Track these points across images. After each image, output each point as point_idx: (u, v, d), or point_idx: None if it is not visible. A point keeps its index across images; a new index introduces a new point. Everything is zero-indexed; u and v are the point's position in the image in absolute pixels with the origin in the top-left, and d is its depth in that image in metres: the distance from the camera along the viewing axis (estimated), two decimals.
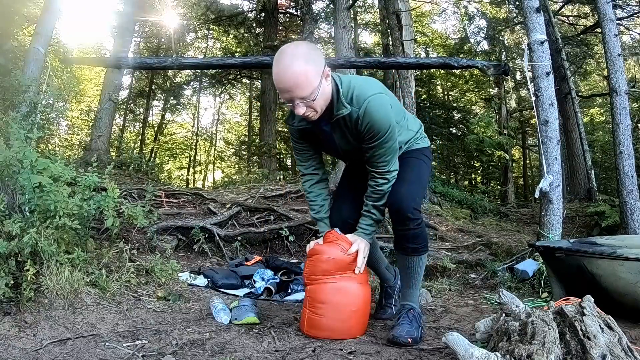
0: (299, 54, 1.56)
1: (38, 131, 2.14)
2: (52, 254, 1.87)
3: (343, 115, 1.68)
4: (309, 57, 1.56)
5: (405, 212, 1.74)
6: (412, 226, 1.76)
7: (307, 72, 1.54)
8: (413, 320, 1.78)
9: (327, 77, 1.63)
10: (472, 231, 5.07)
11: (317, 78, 1.57)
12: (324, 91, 1.63)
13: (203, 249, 3.61)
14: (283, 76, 1.55)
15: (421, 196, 1.89)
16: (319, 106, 1.63)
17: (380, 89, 1.72)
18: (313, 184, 2.00)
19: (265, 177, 7.56)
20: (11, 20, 4.93)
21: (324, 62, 1.62)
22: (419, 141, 1.98)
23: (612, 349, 1.17)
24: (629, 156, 3.87)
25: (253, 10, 12.08)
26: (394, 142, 1.75)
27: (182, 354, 1.55)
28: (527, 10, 3.37)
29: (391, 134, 1.71)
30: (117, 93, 8.69)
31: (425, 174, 1.93)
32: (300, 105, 1.59)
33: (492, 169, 13.51)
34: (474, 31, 12.16)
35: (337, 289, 1.79)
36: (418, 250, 1.82)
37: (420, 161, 1.93)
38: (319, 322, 1.78)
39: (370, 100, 1.65)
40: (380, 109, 1.66)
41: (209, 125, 18.39)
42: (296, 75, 1.53)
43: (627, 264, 1.91)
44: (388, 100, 1.71)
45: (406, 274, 1.88)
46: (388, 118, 1.69)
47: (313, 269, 1.84)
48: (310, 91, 1.56)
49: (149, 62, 5.29)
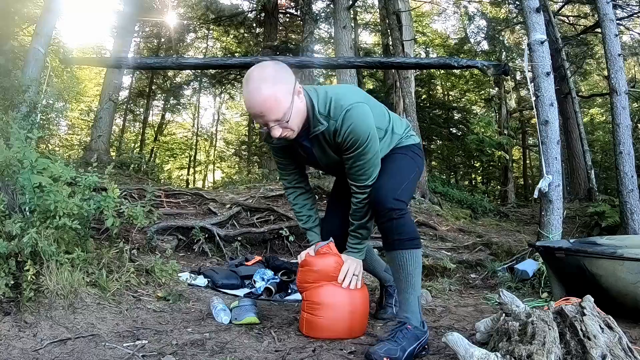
0: (265, 76, 1.51)
1: (38, 131, 2.14)
2: (52, 254, 1.87)
3: (321, 130, 1.64)
4: (277, 78, 1.52)
5: (384, 203, 1.65)
6: (394, 215, 1.64)
7: (276, 94, 1.49)
8: (403, 338, 1.56)
9: (299, 94, 1.58)
10: (472, 231, 5.07)
11: (287, 97, 1.52)
12: (298, 109, 1.58)
13: (203, 249, 3.61)
14: (253, 102, 1.50)
15: (405, 189, 1.73)
16: (295, 125, 1.59)
17: (360, 97, 1.67)
18: (297, 196, 1.98)
19: (265, 177, 7.56)
20: (11, 20, 4.93)
21: (294, 80, 1.58)
22: (404, 140, 1.89)
23: (612, 349, 1.17)
24: (629, 156, 3.87)
25: (253, 10, 12.09)
26: (375, 154, 1.68)
27: (182, 354, 1.55)
28: (527, 10, 3.37)
29: (370, 144, 1.64)
30: (117, 93, 8.71)
31: (408, 167, 1.82)
32: (275, 128, 1.55)
33: (492, 169, 13.53)
34: (474, 31, 12.16)
35: (334, 290, 1.80)
36: (403, 243, 1.66)
37: (403, 155, 1.85)
38: (318, 324, 1.78)
39: (348, 109, 1.59)
40: (359, 118, 1.60)
41: (209, 125, 18.43)
42: (264, 98, 1.49)
43: (627, 264, 1.91)
44: (367, 110, 1.65)
45: (398, 276, 1.70)
46: (367, 127, 1.62)
47: (305, 277, 1.84)
48: (282, 113, 1.52)
49: (149, 62, 5.29)
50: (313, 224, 1.99)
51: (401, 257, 1.67)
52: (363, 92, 1.77)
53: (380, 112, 1.84)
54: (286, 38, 12.13)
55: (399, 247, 1.67)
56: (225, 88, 14.67)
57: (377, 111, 1.78)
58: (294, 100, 1.55)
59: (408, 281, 1.68)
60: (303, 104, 1.61)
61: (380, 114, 1.83)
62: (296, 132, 1.62)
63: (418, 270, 1.69)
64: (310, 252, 1.89)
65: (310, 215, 1.99)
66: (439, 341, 1.68)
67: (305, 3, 7.83)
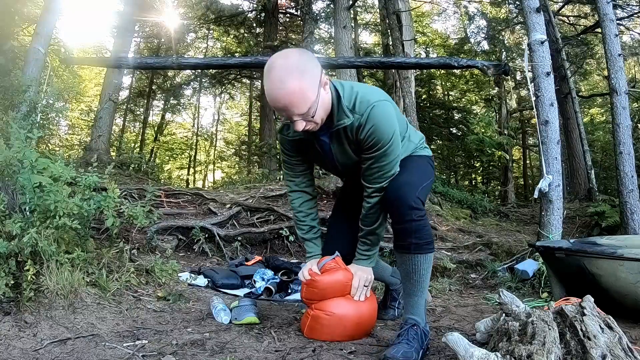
0: (290, 67, 1.38)
1: (38, 131, 2.14)
2: (52, 254, 1.87)
3: (345, 125, 1.55)
4: (303, 69, 1.40)
5: (406, 200, 1.55)
6: (415, 217, 1.56)
7: (302, 88, 1.38)
8: (414, 340, 1.55)
9: (325, 86, 1.49)
10: (472, 231, 5.07)
11: (314, 91, 1.42)
12: (324, 102, 1.49)
13: (203, 249, 3.61)
14: (276, 95, 1.38)
15: (424, 189, 1.67)
16: (319, 118, 1.50)
17: (386, 97, 1.60)
18: (303, 202, 1.86)
19: (265, 177, 7.55)
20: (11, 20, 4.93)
21: (320, 69, 1.47)
22: (419, 151, 1.84)
23: (612, 349, 1.17)
24: (629, 156, 3.87)
25: (253, 10, 12.10)
26: (396, 157, 1.61)
27: (182, 354, 1.55)
28: (527, 10, 3.37)
29: (393, 145, 1.57)
30: (117, 93, 8.71)
31: (426, 171, 1.76)
32: (299, 122, 1.45)
33: (492, 169, 13.52)
34: (474, 31, 12.17)
35: (344, 302, 1.75)
36: (421, 247, 1.60)
37: (420, 158, 1.79)
38: (321, 330, 1.76)
39: (375, 105, 1.51)
40: (384, 116, 1.53)
41: (209, 125, 18.45)
42: (290, 93, 1.37)
43: (627, 264, 1.91)
44: (392, 110, 1.58)
45: (409, 278, 1.64)
46: (392, 127, 1.55)
47: (311, 295, 1.77)
48: (308, 107, 1.41)
49: (149, 62, 5.30)
50: (314, 235, 1.88)
51: (416, 261, 1.61)
52: (387, 95, 1.67)
53: (401, 118, 1.77)
54: (286, 38, 12.14)
55: (415, 251, 1.60)
56: (225, 88, 14.68)
57: (399, 115, 1.72)
58: (320, 93, 1.45)
59: (419, 284, 1.64)
60: (329, 96, 1.52)
61: (401, 119, 1.76)
62: (319, 125, 1.53)
63: (429, 273, 1.66)
64: (313, 267, 1.78)
65: (312, 225, 1.88)
66: (439, 341, 1.68)
67: (305, 3, 7.82)
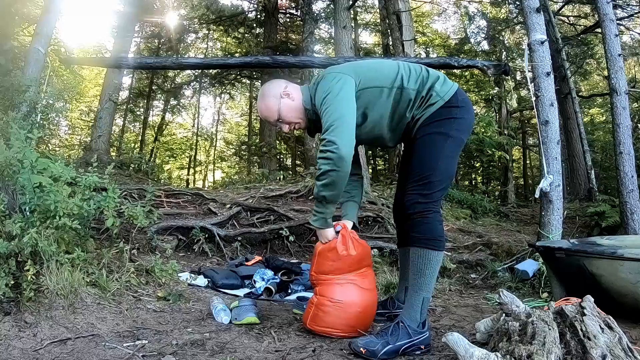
0: (260, 95, 1.93)
1: (38, 131, 2.14)
2: (52, 254, 1.87)
3: (312, 102, 1.84)
4: (266, 94, 1.88)
5: (406, 210, 1.74)
6: (415, 216, 1.69)
7: (266, 104, 1.87)
8: (393, 335, 1.60)
9: (288, 95, 1.85)
10: (472, 231, 5.07)
11: (275, 102, 1.85)
12: (289, 107, 1.85)
13: (203, 249, 3.61)
14: (259, 112, 1.96)
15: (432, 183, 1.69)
16: (293, 119, 1.87)
17: (337, 69, 1.82)
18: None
19: (265, 177, 7.55)
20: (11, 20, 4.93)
21: (282, 85, 1.88)
22: (428, 104, 1.75)
23: (612, 349, 1.17)
24: (629, 156, 3.87)
25: (253, 10, 12.10)
26: (335, 110, 1.67)
27: (182, 354, 1.55)
28: (527, 10, 3.37)
29: (331, 99, 1.69)
30: (117, 93, 8.71)
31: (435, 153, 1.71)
32: (282, 125, 1.90)
33: (492, 169, 13.50)
34: (474, 31, 12.17)
35: (347, 289, 1.82)
36: (419, 241, 1.66)
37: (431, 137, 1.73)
38: (323, 318, 1.80)
39: (319, 82, 1.79)
40: (323, 82, 1.76)
41: (209, 125, 18.43)
42: (262, 110, 1.90)
43: (627, 264, 1.91)
44: (335, 76, 1.75)
45: (411, 272, 1.71)
46: (329, 86, 1.72)
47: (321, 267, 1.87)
48: (276, 115, 1.86)
49: (149, 62, 5.29)
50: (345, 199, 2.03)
51: (413, 254, 1.71)
52: (350, 66, 1.84)
53: (378, 72, 1.79)
54: (286, 38, 12.13)
55: (413, 244, 1.71)
56: (225, 88, 14.66)
57: (371, 74, 1.77)
58: (281, 101, 1.86)
59: (416, 279, 1.67)
60: (296, 102, 1.87)
61: (378, 74, 1.78)
62: (301, 124, 1.90)
63: (430, 271, 1.66)
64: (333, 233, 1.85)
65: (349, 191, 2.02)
66: (439, 341, 1.68)
67: (305, 3, 7.83)
